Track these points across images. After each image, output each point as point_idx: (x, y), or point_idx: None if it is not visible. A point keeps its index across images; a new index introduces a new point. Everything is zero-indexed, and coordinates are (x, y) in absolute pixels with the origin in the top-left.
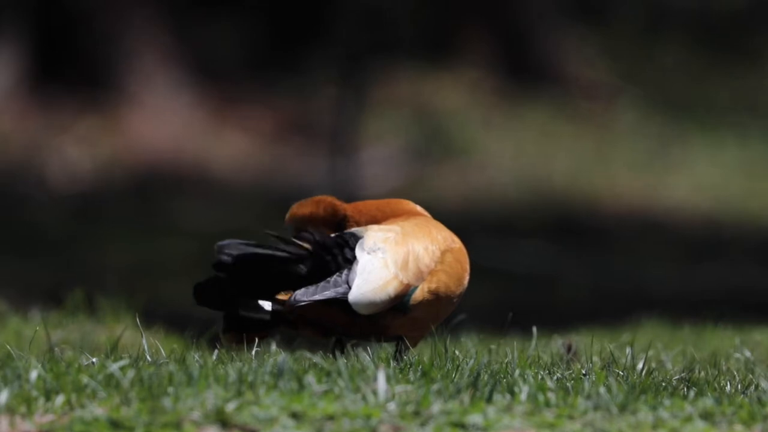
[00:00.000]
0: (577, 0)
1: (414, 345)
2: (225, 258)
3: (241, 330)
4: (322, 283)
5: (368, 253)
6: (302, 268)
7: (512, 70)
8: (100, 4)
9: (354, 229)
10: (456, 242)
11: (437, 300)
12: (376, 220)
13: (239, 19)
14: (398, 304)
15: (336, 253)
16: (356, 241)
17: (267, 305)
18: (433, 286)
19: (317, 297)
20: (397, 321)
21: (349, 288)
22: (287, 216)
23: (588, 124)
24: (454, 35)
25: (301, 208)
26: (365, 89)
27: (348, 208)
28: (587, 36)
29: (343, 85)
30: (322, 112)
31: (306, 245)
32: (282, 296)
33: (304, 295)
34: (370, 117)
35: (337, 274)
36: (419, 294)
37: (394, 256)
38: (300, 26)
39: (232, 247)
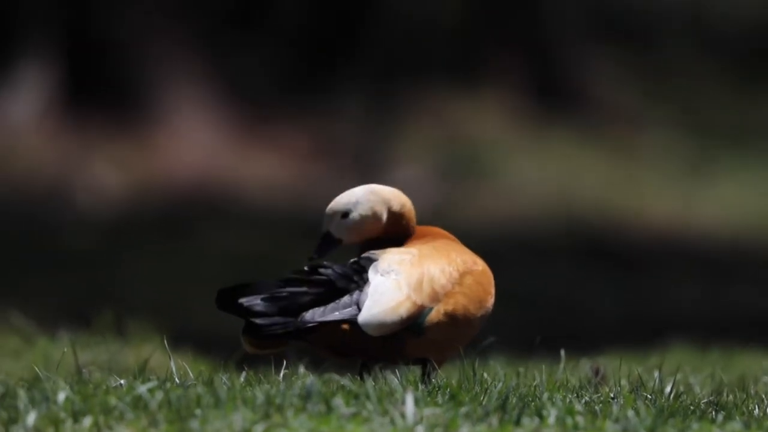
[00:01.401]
0: (606, 24)
1: (439, 366)
2: (255, 307)
3: (259, 336)
4: (331, 305)
5: (381, 275)
6: (320, 293)
7: (542, 93)
8: (132, 27)
9: (370, 253)
10: (478, 264)
11: (455, 322)
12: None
13: (270, 41)
14: (413, 326)
15: (356, 280)
16: (370, 264)
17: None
18: (450, 308)
19: (324, 318)
20: (412, 343)
21: (359, 310)
22: (392, 192)
23: (617, 147)
24: (484, 58)
25: (405, 204)
26: (395, 111)
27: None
28: (616, 59)
29: (373, 107)
30: (353, 134)
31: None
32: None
33: (312, 316)
34: (400, 139)
35: (348, 295)
36: (435, 315)
37: (407, 277)
38: (331, 47)
39: (254, 296)
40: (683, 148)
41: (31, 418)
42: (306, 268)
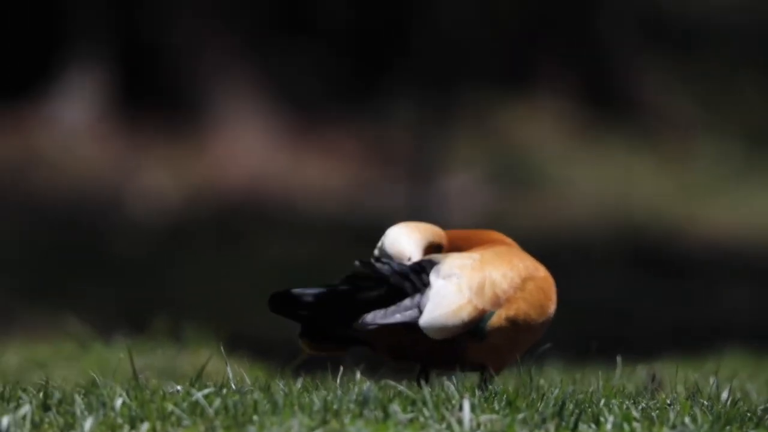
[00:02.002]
0: (658, 29)
1: (497, 372)
2: (306, 298)
3: (317, 341)
4: (392, 307)
5: (443, 279)
6: (378, 295)
7: (593, 99)
8: (185, 32)
9: (432, 256)
10: (540, 270)
11: (516, 327)
12: (461, 250)
13: (321, 45)
14: (474, 330)
15: (413, 279)
16: (432, 268)
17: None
18: (512, 313)
19: (386, 321)
20: (473, 347)
21: (420, 312)
22: (430, 228)
23: (670, 155)
24: (535, 64)
25: (439, 234)
26: (448, 117)
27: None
28: (670, 66)
29: (425, 113)
30: (405, 139)
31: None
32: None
33: (373, 318)
34: (452, 145)
35: (409, 298)
36: (496, 320)
37: (469, 281)
38: (383, 52)
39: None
40: (736, 155)
41: (88, 424)
42: (357, 263)
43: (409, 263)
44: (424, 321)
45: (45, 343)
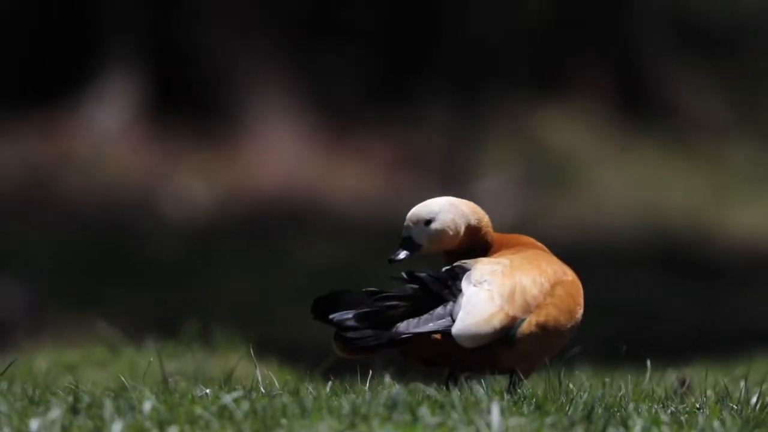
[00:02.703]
0: (692, 34)
1: (526, 376)
2: (346, 322)
3: (351, 346)
4: (425, 316)
5: (474, 286)
6: (412, 303)
7: (625, 103)
8: (217, 38)
9: (462, 262)
10: (568, 275)
11: (546, 333)
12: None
13: (354, 51)
14: (505, 337)
15: (447, 285)
16: (464, 274)
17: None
18: (542, 319)
19: (418, 330)
20: (504, 353)
21: (453, 321)
22: (467, 205)
23: (701, 158)
24: (566, 67)
25: (481, 217)
26: (480, 120)
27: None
28: (702, 70)
29: (457, 116)
30: (437, 143)
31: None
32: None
33: (406, 327)
34: (484, 148)
35: (441, 306)
36: (526, 327)
37: (500, 288)
38: (413, 57)
39: (345, 311)
40: None
41: (117, 427)
42: (403, 274)
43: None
44: (456, 330)
45: (75, 347)
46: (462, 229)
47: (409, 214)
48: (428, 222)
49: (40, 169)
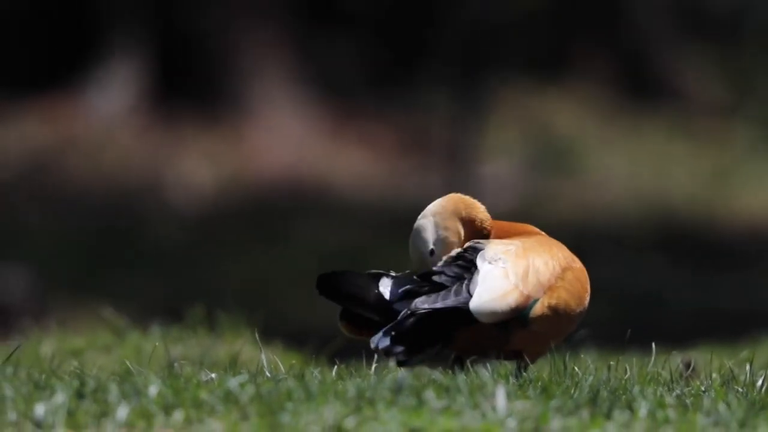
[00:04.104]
0: (693, 16)
1: (533, 361)
2: (395, 350)
3: (357, 323)
4: (443, 292)
5: (489, 263)
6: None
7: (628, 86)
8: (221, 22)
9: (475, 242)
10: (577, 263)
11: (557, 316)
12: (499, 239)
13: (357, 36)
14: (518, 317)
15: (463, 276)
16: (477, 253)
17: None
18: (554, 301)
19: (438, 305)
20: (517, 334)
21: (470, 296)
22: (455, 201)
23: (705, 141)
24: (569, 51)
25: (473, 208)
26: (482, 105)
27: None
28: (704, 52)
29: (459, 101)
30: (442, 128)
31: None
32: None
33: (424, 302)
34: (488, 133)
35: (458, 283)
36: (539, 308)
37: (514, 267)
38: (417, 41)
39: (381, 336)
40: None
41: (123, 411)
42: (416, 278)
43: (450, 258)
44: (474, 304)
45: (81, 332)
46: (459, 227)
47: (411, 252)
48: (432, 252)
49: (43, 155)
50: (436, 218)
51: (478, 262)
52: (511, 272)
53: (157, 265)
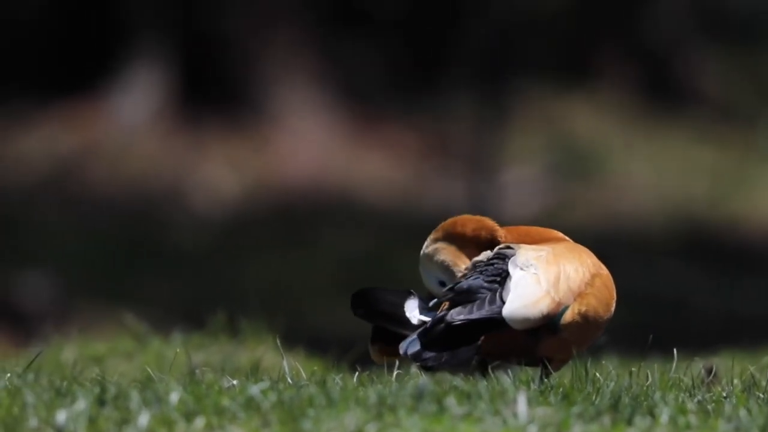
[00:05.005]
0: (716, 19)
1: (557, 369)
2: (424, 355)
3: (390, 344)
4: (477, 302)
5: (521, 269)
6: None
7: (651, 90)
8: (245, 27)
9: (507, 245)
10: (603, 269)
11: (586, 323)
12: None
13: (381, 40)
14: (549, 323)
15: (494, 286)
16: (507, 258)
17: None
18: (583, 308)
19: (474, 316)
20: (546, 341)
21: (503, 304)
22: (444, 228)
23: (729, 146)
24: (591, 55)
25: (463, 227)
26: (504, 110)
27: (503, 233)
28: (728, 57)
29: (484, 106)
30: (465, 133)
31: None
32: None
33: (460, 313)
34: (510, 138)
35: (492, 292)
36: (569, 315)
37: (546, 273)
38: (440, 46)
39: (410, 341)
40: None
41: (144, 418)
42: (446, 290)
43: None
44: (507, 311)
45: (102, 338)
46: (457, 251)
47: (426, 285)
48: (442, 283)
49: (67, 160)
50: (431, 252)
51: (510, 268)
52: (542, 278)
53: (179, 271)
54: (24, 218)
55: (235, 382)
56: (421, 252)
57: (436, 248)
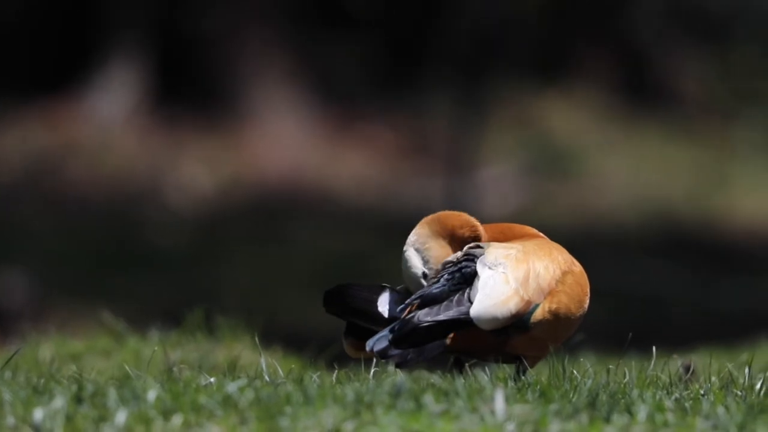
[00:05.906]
0: (693, 19)
1: (532, 365)
2: (390, 351)
3: (362, 339)
4: (445, 303)
5: (489, 268)
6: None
7: (629, 89)
8: (221, 26)
9: (476, 244)
10: (576, 266)
11: (557, 320)
12: (498, 242)
13: (358, 39)
14: (519, 322)
15: (463, 286)
16: (476, 258)
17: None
18: (554, 306)
19: (441, 317)
20: (517, 339)
21: (471, 304)
22: (427, 223)
23: (706, 144)
24: (569, 54)
25: (445, 222)
26: (484, 109)
27: (483, 230)
28: (705, 55)
29: (461, 105)
30: (441, 132)
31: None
32: (405, 314)
33: (427, 315)
34: (488, 136)
35: (460, 292)
36: (540, 312)
37: (514, 272)
38: (417, 45)
39: (379, 338)
40: None
41: (122, 416)
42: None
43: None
44: (475, 311)
45: (80, 336)
46: (443, 243)
47: (405, 279)
48: (425, 275)
49: (44, 158)
50: (417, 245)
51: (479, 267)
52: (511, 277)
53: (156, 269)
54: (0, 216)
55: (212, 379)
56: (404, 246)
57: (419, 242)
